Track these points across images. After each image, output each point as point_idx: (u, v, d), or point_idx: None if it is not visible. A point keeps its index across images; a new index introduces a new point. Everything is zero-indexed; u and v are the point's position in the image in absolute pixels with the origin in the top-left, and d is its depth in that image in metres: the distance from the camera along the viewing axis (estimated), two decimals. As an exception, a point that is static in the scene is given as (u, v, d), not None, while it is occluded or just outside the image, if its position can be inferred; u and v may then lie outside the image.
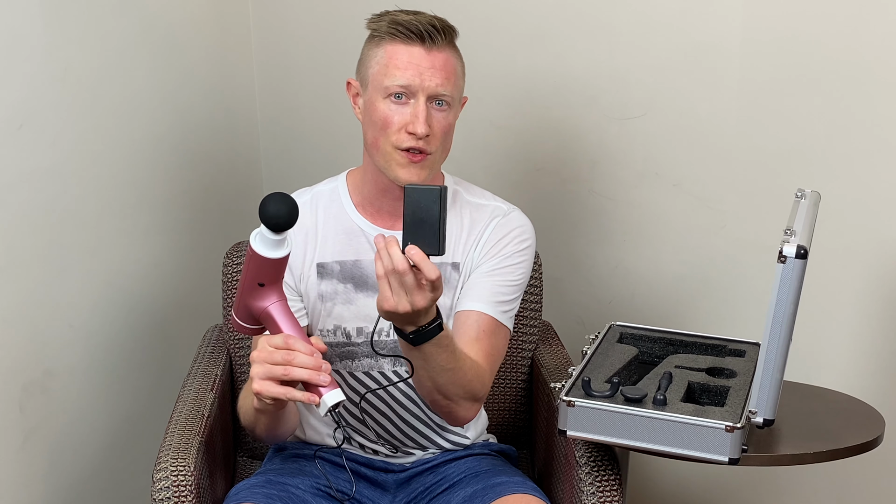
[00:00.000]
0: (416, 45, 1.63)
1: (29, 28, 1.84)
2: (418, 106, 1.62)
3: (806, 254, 1.44)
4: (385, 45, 1.64)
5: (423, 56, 1.62)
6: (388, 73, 1.63)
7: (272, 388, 1.42)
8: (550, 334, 2.12)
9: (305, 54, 2.45)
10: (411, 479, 1.80)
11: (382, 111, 1.64)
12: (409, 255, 1.42)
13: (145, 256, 2.20)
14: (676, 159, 2.20)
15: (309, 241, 1.74)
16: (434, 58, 1.63)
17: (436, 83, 1.63)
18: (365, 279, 1.74)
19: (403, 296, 1.44)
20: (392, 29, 1.63)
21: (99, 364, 2.08)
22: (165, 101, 2.22)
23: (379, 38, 1.66)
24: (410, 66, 1.62)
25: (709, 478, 2.34)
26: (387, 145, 1.64)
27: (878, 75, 2.00)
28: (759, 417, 1.53)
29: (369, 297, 1.74)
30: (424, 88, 1.62)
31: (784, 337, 1.49)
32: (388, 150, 1.65)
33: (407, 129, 1.63)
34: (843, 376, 2.12)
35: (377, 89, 1.64)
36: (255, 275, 1.44)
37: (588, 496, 1.62)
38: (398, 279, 1.43)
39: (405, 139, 1.63)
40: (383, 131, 1.64)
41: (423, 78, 1.62)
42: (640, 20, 2.16)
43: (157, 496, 1.60)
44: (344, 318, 1.74)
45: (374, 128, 1.65)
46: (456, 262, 1.75)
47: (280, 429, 1.65)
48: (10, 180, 1.82)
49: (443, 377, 1.57)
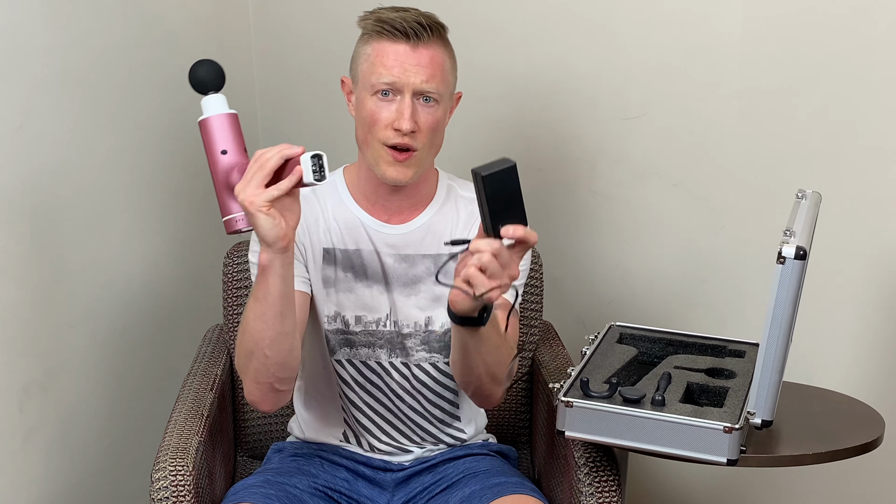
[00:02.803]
0: (402, 42, 1.64)
1: (29, 28, 1.84)
2: (404, 102, 1.64)
3: (805, 255, 1.44)
4: (372, 43, 1.66)
5: (409, 53, 1.64)
6: (375, 71, 1.64)
7: (260, 193, 1.43)
8: (550, 334, 2.12)
9: (305, 54, 2.45)
10: (410, 478, 1.80)
11: (370, 108, 1.65)
12: (510, 236, 1.43)
13: (145, 256, 2.20)
14: (676, 159, 2.19)
15: (320, 224, 1.76)
16: (420, 55, 1.64)
17: (421, 79, 1.64)
18: (364, 269, 1.75)
19: (504, 274, 1.44)
20: (378, 27, 1.65)
21: (99, 364, 2.09)
22: (165, 101, 2.22)
23: (367, 35, 1.68)
24: (396, 64, 1.63)
25: (707, 478, 2.34)
26: (375, 142, 1.66)
27: (878, 75, 2.00)
28: (757, 418, 1.53)
29: (367, 287, 1.76)
30: (409, 85, 1.63)
31: (783, 338, 1.49)
32: (377, 147, 1.67)
33: (393, 125, 1.64)
34: (843, 377, 2.12)
35: (365, 87, 1.66)
36: (215, 146, 1.50)
37: (587, 497, 1.62)
38: (498, 261, 1.43)
39: (391, 135, 1.65)
40: (371, 128, 1.66)
41: (409, 74, 1.63)
42: (640, 20, 2.15)
43: (156, 496, 1.60)
44: (344, 306, 1.75)
45: (363, 125, 1.67)
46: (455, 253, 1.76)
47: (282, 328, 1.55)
48: (10, 180, 1.83)
49: (492, 356, 1.60)
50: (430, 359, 1.77)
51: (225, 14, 2.41)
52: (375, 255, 1.75)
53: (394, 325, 1.76)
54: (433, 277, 1.75)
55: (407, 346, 1.76)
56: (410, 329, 1.76)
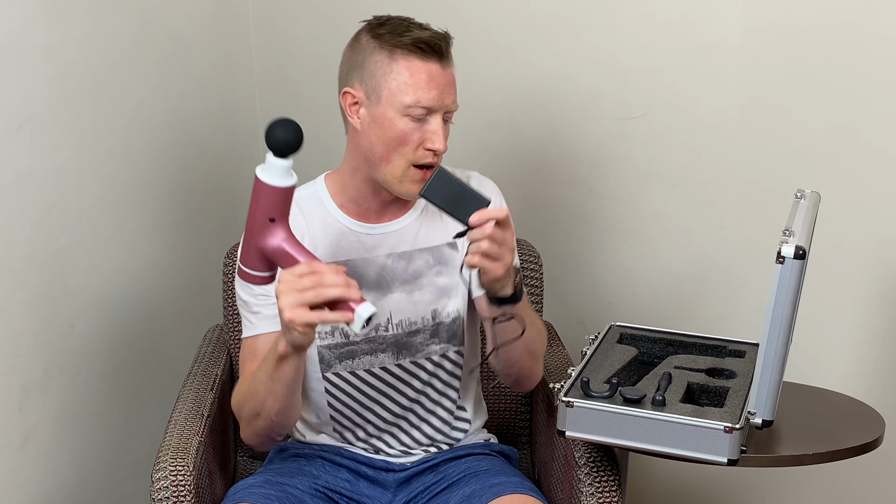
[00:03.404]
0: (434, 61, 1.62)
1: (29, 28, 1.84)
2: (437, 123, 1.62)
3: (804, 254, 1.44)
4: (400, 60, 1.61)
5: (441, 73, 1.62)
6: (411, 92, 1.60)
7: (304, 314, 1.43)
8: (550, 334, 2.12)
9: (305, 54, 2.45)
10: (411, 478, 1.80)
11: (401, 128, 1.62)
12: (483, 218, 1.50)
13: (145, 256, 2.20)
14: (676, 159, 2.19)
15: (305, 241, 1.73)
16: (448, 74, 1.64)
17: (451, 100, 1.64)
18: (359, 278, 1.74)
19: (506, 250, 1.52)
20: (411, 45, 1.60)
21: (99, 364, 2.09)
22: (165, 101, 2.22)
23: (390, 50, 1.62)
24: (434, 86, 1.61)
25: (708, 478, 2.34)
26: (401, 161, 1.63)
27: (878, 75, 2.00)
28: (758, 418, 1.53)
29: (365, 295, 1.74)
30: (444, 107, 1.63)
31: (783, 337, 1.49)
32: (402, 166, 1.64)
33: (425, 145, 1.62)
34: (843, 377, 2.12)
35: (393, 104, 1.61)
36: (265, 209, 1.45)
37: (587, 497, 1.62)
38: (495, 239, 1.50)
39: (424, 155, 1.63)
40: (399, 147, 1.62)
41: (444, 96, 1.62)
42: (641, 20, 2.15)
43: (156, 496, 1.60)
44: None
45: (386, 143, 1.63)
46: (452, 241, 1.77)
47: (292, 402, 1.62)
48: (10, 180, 1.83)
49: (531, 331, 1.66)
50: (440, 350, 1.77)
51: (225, 14, 2.41)
52: (369, 263, 1.74)
53: (396, 328, 1.75)
54: (434, 269, 1.75)
55: (415, 344, 1.76)
56: (419, 325, 1.75)
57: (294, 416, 1.69)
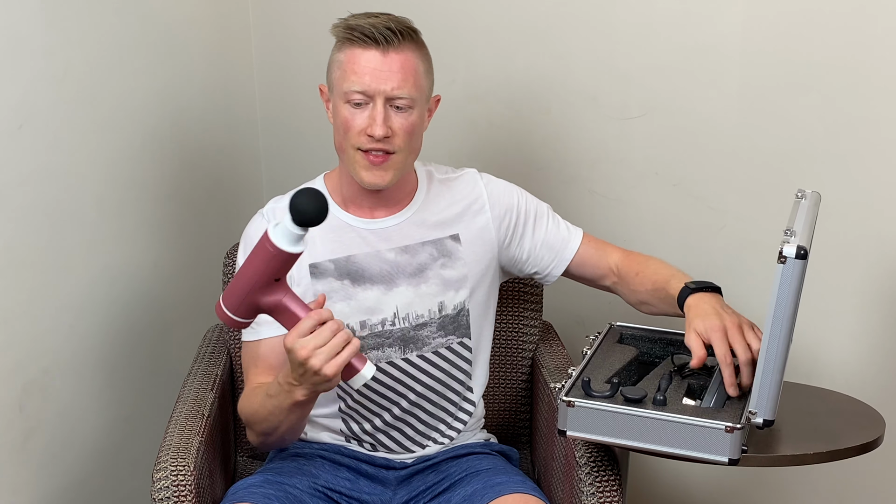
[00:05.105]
0: (372, 48, 1.65)
1: (29, 28, 1.84)
2: (376, 109, 1.66)
3: (806, 254, 1.44)
4: (345, 50, 1.68)
5: (380, 60, 1.65)
6: (346, 79, 1.66)
7: (337, 362, 1.48)
8: (550, 334, 2.12)
9: (305, 54, 2.45)
10: (412, 476, 1.80)
11: (344, 115, 1.68)
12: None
13: (145, 256, 2.20)
14: (676, 159, 2.19)
15: None
16: (391, 60, 1.65)
17: (391, 86, 1.65)
18: (361, 273, 1.75)
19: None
20: (347, 33, 1.67)
21: (99, 364, 2.08)
22: (165, 101, 2.22)
23: (339, 42, 1.69)
24: (366, 71, 1.65)
25: (709, 478, 2.34)
26: (350, 148, 1.69)
27: (879, 75, 2.00)
28: (758, 418, 1.53)
29: (367, 290, 1.76)
30: (381, 92, 1.65)
31: (784, 337, 1.49)
32: (351, 153, 1.69)
33: (366, 131, 1.66)
34: (843, 377, 2.12)
35: (339, 94, 1.69)
36: (272, 271, 1.46)
37: (588, 496, 1.62)
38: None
39: (365, 141, 1.67)
40: (346, 134, 1.68)
41: (379, 81, 1.65)
42: (641, 20, 2.15)
43: (157, 496, 1.60)
44: (345, 315, 1.75)
45: (338, 131, 1.70)
46: (455, 233, 1.78)
47: (302, 423, 1.69)
48: (10, 180, 1.82)
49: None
50: (446, 343, 1.78)
51: (225, 14, 2.41)
52: (371, 258, 1.75)
53: (403, 321, 1.76)
54: (439, 262, 1.77)
55: (422, 337, 1.77)
56: (426, 318, 1.76)
57: (302, 429, 1.74)
